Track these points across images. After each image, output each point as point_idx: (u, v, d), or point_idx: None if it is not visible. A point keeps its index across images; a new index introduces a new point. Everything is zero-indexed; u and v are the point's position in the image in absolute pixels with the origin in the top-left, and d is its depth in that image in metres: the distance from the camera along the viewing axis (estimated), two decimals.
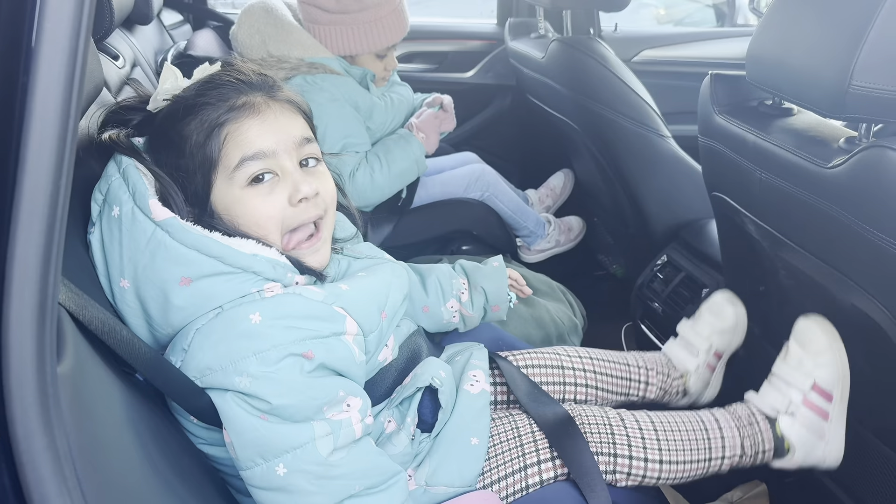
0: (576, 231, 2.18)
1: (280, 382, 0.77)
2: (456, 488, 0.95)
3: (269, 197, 0.85)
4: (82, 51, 0.51)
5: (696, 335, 1.31)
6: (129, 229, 0.79)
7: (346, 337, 0.84)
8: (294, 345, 0.78)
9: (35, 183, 0.50)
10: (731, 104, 1.17)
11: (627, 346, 1.94)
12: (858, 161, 0.88)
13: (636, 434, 1.05)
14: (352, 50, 1.67)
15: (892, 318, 0.93)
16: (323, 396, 0.80)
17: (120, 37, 1.49)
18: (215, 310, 0.80)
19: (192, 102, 0.86)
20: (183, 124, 0.85)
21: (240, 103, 0.86)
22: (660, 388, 1.27)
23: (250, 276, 0.82)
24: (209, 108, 0.85)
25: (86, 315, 0.63)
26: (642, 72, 2.25)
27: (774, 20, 1.00)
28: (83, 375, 0.59)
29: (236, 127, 0.85)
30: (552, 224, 2.10)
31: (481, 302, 1.25)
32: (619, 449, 1.04)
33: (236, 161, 0.84)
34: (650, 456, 1.04)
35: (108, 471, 0.59)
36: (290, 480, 0.77)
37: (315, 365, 0.80)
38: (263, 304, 0.79)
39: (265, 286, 0.83)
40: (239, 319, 0.78)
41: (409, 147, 1.71)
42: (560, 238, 2.12)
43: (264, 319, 0.78)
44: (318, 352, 0.80)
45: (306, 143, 0.90)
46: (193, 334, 0.79)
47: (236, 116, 0.85)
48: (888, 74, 0.83)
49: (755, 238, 1.22)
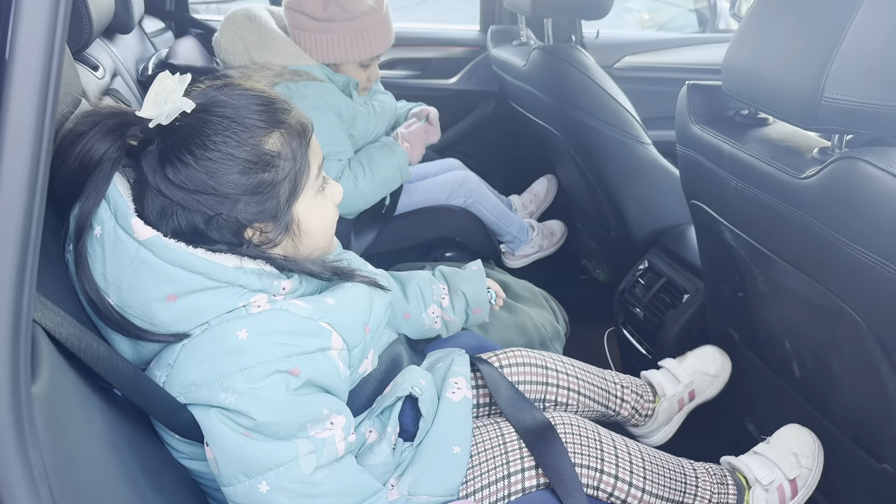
0: (558, 235, 2.20)
1: (265, 399, 0.77)
2: (438, 498, 0.96)
3: (326, 201, 0.92)
4: (57, 64, 0.51)
5: (680, 369, 1.36)
6: (112, 249, 0.78)
7: (331, 352, 0.84)
8: (280, 361, 0.78)
9: (9, 198, 0.50)
10: (708, 114, 1.18)
11: (610, 351, 1.95)
12: (831, 171, 0.89)
13: (625, 457, 1.06)
14: (336, 58, 1.67)
15: (865, 325, 0.94)
16: (307, 414, 0.80)
17: (100, 46, 1.48)
18: (202, 325, 0.80)
19: (262, 118, 0.83)
20: (256, 137, 0.82)
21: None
22: (632, 408, 1.29)
23: (236, 289, 0.81)
24: (283, 115, 0.85)
25: (62, 332, 0.63)
26: (624, 78, 2.27)
27: (749, 32, 1.01)
28: (59, 393, 0.59)
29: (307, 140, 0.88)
30: (535, 229, 2.11)
31: (462, 306, 1.26)
32: (607, 467, 1.04)
33: (316, 169, 0.89)
34: (635, 482, 1.05)
35: (85, 489, 0.59)
36: (272, 498, 0.77)
37: (301, 382, 0.80)
38: (250, 320, 0.79)
39: (251, 299, 0.82)
40: (226, 336, 0.78)
41: (393, 155, 1.71)
42: (543, 243, 2.13)
43: (251, 336, 0.78)
44: (304, 368, 0.80)
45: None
46: (180, 349, 0.79)
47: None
48: (859, 86, 0.84)
49: (733, 246, 1.23)
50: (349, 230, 1.71)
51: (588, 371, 1.26)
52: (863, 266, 0.87)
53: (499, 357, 1.20)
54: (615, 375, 1.30)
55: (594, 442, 1.06)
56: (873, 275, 0.86)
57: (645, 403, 1.30)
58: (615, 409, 1.27)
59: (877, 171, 0.83)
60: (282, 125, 0.84)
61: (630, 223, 1.82)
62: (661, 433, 1.34)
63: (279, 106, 0.85)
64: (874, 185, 0.83)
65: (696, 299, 1.58)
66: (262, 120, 0.82)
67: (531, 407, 1.09)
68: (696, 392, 1.36)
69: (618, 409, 1.27)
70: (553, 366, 1.21)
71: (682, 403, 1.34)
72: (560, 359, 1.24)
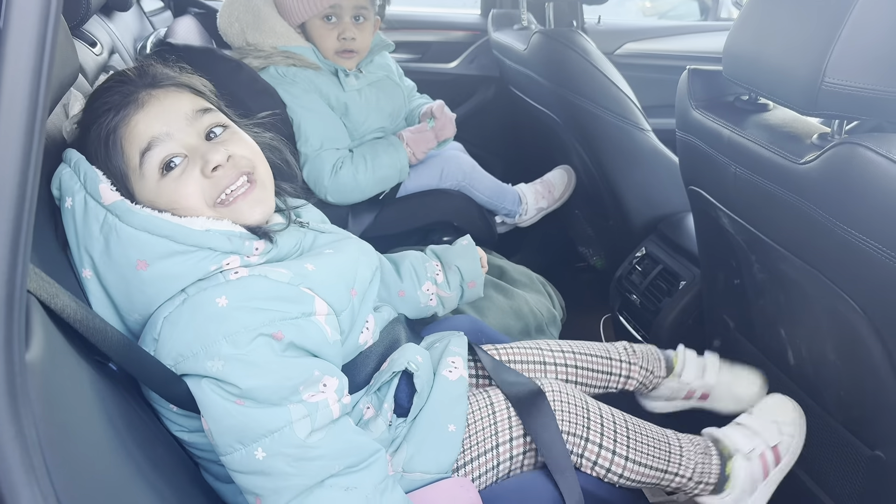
0: (560, 188, 2.06)
1: (253, 364, 0.77)
2: (432, 475, 0.96)
3: (182, 177, 0.85)
4: (52, 36, 0.51)
5: (712, 366, 1.33)
6: (83, 218, 0.80)
7: (316, 317, 0.85)
8: (263, 326, 0.79)
9: (3, 169, 0.49)
10: (708, 99, 1.18)
11: (606, 338, 1.96)
12: (830, 157, 0.89)
13: (610, 427, 1.07)
14: (300, 15, 1.65)
15: (861, 311, 0.94)
16: (298, 376, 0.80)
17: (98, 23, 1.47)
18: (181, 295, 0.81)
19: (85, 120, 0.86)
20: (88, 144, 0.85)
21: (125, 103, 0.85)
22: (640, 383, 1.28)
23: (206, 252, 0.82)
24: (99, 118, 0.85)
25: (57, 303, 0.63)
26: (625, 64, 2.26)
27: (750, 17, 1.01)
28: (53, 364, 0.59)
29: (126, 127, 0.84)
30: (525, 196, 2.01)
31: (457, 280, 1.27)
32: (592, 435, 1.05)
33: (137, 159, 0.84)
34: (618, 450, 1.05)
35: (78, 460, 0.59)
36: (269, 464, 0.78)
37: (285, 345, 0.80)
38: (228, 287, 0.80)
39: (223, 262, 0.83)
40: (205, 304, 0.78)
41: (397, 155, 1.70)
42: (542, 204, 2.04)
43: (231, 302, 0.78)
44: (287, 332, 0.80)
45: (202, 114, 0.89)
46: (161, 323, 0.79)
47: (124, 117, 0.84)
48: (860, 72, 0.84)
49: (730, 232, 1.23)
50: (346, 213, 1.70)
51: (589, 354, 1.24)
52: (860, 252, 0.87)
53: (499, 352, 1.20)
54: (623, 351, 1.27)
55: (581, 410, 1.06)
56: (870, 261, 0.86)
57: (654, 379, 1.29)
58: (618, 387, 1.26)
59: (876, 157, 0.82)
60: (92, 126, 0.86)
61: (628, 210, 1.81)
62: (658, 404, 1.34)
63: (96, 104, 0.87)
64: (873, 171, 0.83)
65: (692, 286, 1.58)
66: (84, 125, 0.87)
67: (520, 375, 1.10)
68: (711, 398, 1.33)
69: (622, 388, 1.27)
70: (551, 359, 1.21)
71: (692, 395, 1.33)
72: (560, 347, 1.24)
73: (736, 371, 1.34)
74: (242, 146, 0.91)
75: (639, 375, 1.27)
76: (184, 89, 0.91)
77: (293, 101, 1.61)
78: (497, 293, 1.55)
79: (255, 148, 0.94)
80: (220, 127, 0.90)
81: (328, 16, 1.66)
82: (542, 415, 1.02)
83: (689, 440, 1.15)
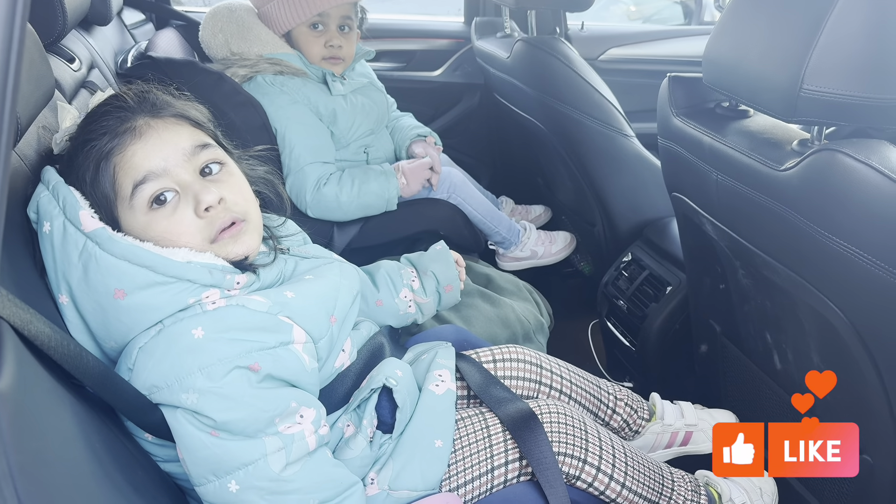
0: (559, 245, 2.06)
1: (227, 397, 0.76)
2: (420, 492, 0.95)
3: (174, 216, 0.84)
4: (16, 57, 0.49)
5: (691, 410, 1.34)
6: (61, 244, 0.78)
7: (293, 346, 0.84)
8: (240, 357, 0.78)
9: None
10: (689, 106, 1.18)
11: (594, 343, 1.96)
12: (810, 164, 0.89)
13: (609, 451, 1.06)
14: (287, 23, 1.65)
15: (842, 316, 0.95)
16: (274, 408, 0.79)
17: (76, 38, 1.45)
18: (157, 326, 0.79)
19: (79, 139, 0.85)
20: (77, 164, 0.84)
21: (122, 130, 0.84)
22: (623, 421, 1.27)
23: (186, 284, 0.81)
24: (93, 141, 0.83)
25: (31, 330, 0.62)
26: (608, 70, 2.27)
27: (729, 24, 1.01)
28: (26, 391, 0.58)
29: (121, 155, 0.83)
30: (528, 232, 2.00)
31: (433, 285, 1.27)
32: (591, 458, 1.04)
33: (130, 189, 0.82)
34: (616, 476, 1.04)
35: (54, 486, 0.57)
36: (242, 497, 0.77)
37: (262, 376, 0.79)
38: (205, 317, 0.79)
39: (203, 295, 0.82)
40: (181, 335, 0.77)
41: (387, 185, 1.68)
42: (538, 249, 2.01)
43: (207, 333, 0.77)
44: (264, 363, 0.79)
45: (200, 150, 0.88)
46: (137, 353, 0.78)
47: (120, 144, 0.83)
48: (838, 78, 0.84)
49: (714, 238, 1.23)
50: (332, 224, 1.70)
51: (581, 376, 1.24)
52: (841, 258, 0.87)
53: (493, 352, 1.19)
54: (611, 386, 1.28)
55: (580, 432, 1.05)
56: (852, 266, 0.86)
57: (638, 419, 1.28)
58: (604, 418, 1.25)
59: (855, 163, 0.83)
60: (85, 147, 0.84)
61: (614, 216, 1.82)
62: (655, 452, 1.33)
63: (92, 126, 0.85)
64: (852, 177, 0.83)
65: (678, 291, 1.59)
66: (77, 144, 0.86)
67: (514, 397, 1.08)
68: (693, 440, 1.32)
69: (607, 420, 1.25)
70: (548, 365, 1.20)
71: (674, 440, 1.31)
72: (556, 361, 1.23)
73: (710, 411, 1.36)
74: (236, 192, 0.90)
75: (623, 412, 1.26)
76: (183, 122, 0.89)
77: (279, 112, 1.61)
78: (483, 302, 1.54)
79: (249, 194, 0.93)
80: (217, 164, 0.89)
81: (315, 24, 1.67)
82: (535, 435, 1.01)
83: (682, 476, 1.15)
